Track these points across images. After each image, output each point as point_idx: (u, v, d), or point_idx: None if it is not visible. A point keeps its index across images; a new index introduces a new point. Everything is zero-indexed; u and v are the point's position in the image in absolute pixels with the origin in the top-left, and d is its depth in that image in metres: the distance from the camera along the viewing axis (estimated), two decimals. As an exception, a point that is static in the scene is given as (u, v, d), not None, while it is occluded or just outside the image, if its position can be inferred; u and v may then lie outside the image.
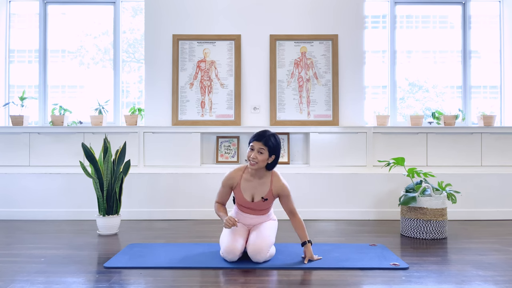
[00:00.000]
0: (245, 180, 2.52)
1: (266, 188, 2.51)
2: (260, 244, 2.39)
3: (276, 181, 2.52)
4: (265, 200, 2.51)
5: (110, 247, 2.83)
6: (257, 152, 2.42)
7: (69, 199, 3.78)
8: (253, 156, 2.42)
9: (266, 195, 2.50)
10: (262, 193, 2.51)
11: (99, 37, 4.40)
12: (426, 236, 3.08)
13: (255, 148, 2.43)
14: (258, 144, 2.43)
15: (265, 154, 2.43)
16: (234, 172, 2.54)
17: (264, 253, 2.39)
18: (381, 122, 4.11)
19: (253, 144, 2.44)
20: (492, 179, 3.84)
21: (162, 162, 3.93)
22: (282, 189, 2.51)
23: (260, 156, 2.42)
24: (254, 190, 2.51)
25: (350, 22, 4.08)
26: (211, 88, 4.07)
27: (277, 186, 2.51)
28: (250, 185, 2.51)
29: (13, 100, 4.22)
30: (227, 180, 2.54)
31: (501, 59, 4.37)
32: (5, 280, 2.15)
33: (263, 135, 2.44)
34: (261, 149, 2.42)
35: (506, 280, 2.18)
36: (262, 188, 2.51)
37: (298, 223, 2.51)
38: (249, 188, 2.51)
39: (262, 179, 2.51)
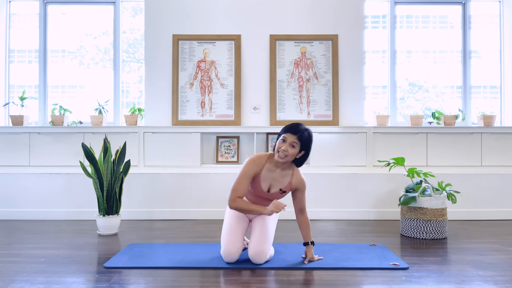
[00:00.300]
0: (267, 169, 2.39)
1: (286, 181, 2.41)
2: (261, 247, 2.36)
3: (296, 175, 2.43)
4: (283, 192, 2.43)
5: (110, 247, 2.83)
6: (289, 145, 2.30)
7: (69, 199, 3.78)
8: (284, 148, 2.30)
9: (285, 187, 2.42)
10: (281, 185, 2.41)
11: (99, 37, 4.40)
12: (426, 236, 3.08)
13: (288, 141, 2.30)
14: (291, 137, 2.31)
15: (296, 149, 2.32)
16: (257, 159, 2.39)
17: (264, 256, 2.38)
18: (381, 122, 4.11)
19: (286, 136, 2.31)
20: (492, 179, 3.84)
21: (162, 162, 3.93)
22: (301, 183, 2.43)
23: (291, 150, 2.31)
24: (273, 181, 2.41)
25: (350, 22, 4.08)
26: (211, 88, 4.07)
27: (297, 180, 2.42)
28: (270, 176, 2.40)
29: (13, 100, 4.22)
30: (253, 166, 2.36)
31: (501, 59, 4.37)
32: (5, 280, 2.15)
33: (297, 128, 2.32)
34: (294, 142, 2.31)
35: (506, 280, 2.18)
36: (283, 180, 2.41)
37: (305, 222, 2.47)
38: (269, 178, 2.40)
39: (285, 171, 2.41)
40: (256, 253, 2.35)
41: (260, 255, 2.36)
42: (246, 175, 2.35)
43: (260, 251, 2.35)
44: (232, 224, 2.46)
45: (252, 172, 2.36)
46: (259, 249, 2.36)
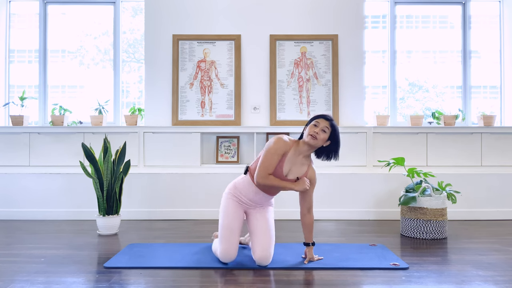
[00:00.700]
0: (292, 153, 2.38)
1: (303, 170, 2.41)
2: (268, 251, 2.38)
3: (312, 168, 2.45)
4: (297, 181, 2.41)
5: (110, 247, 2.83)
6: (320, 130, 2.33)
7: (69, 199, 3.78)
8: (317, 131, 2.33)
9: (302, 176, 2.40)
10: (299, 173, 2.40)
11: (99, 37, 4.40)
12: (426, 236, 3.08)
13: (320, 126, 2.34)
14: (324, 122, 2.35)
15: (327, 134, 2.35)
16: (286, 139, 2.39)
17: (271, 258, 2.40)
18: (381, 122, 4.11)
19: (319, 121, 2.36)
20: (492, 179, 3.84)
21: (162, 162, 3.93)
22: (314, 176, 2.45)
23: (322, 134, 2.33)
24: (294, 166, 2.39)
25: (350, 22, 4.08)
26: (211, 88, 4.07)
27: (312, 173, 2.44)
28: (293, 160, 2.38)
29: (13, 100, 4.22)
30: (283, 145, 2.35)
31: (501, 59, 4.37)
32: (5, 280, 2.15)
33: (329, 117, 2.40)
34: (326, 127, 2.35)
35: (506, 280, 2.18)
36: (301, 168, 2.41)
37: (310, 221, 2.47)
38: (292, 162, 2.38)
39: (305, 160, 2.41)
40: (264, 258, 2.36)
41: (268, 259, 2.37)
42: (276, 153, 2.34)
43: (267, 255, 2.37)
44: (229, 224, 2.42)
45: (282, 150, 2.35)
46: (266, 253, 2.37)
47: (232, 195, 2.47)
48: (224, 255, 2.39)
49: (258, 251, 2.37)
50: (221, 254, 2.40)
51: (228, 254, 2.38)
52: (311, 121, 2.40)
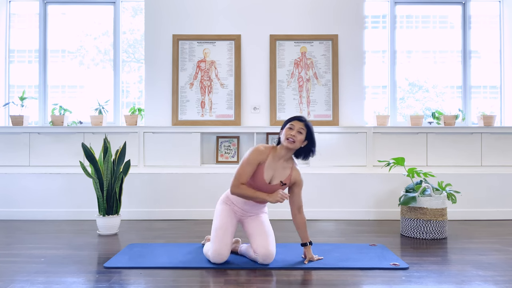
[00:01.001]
0: (271, 159, 2.42)
1: (286, 173, 2.45)
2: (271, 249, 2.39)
3: (296, 170, 2.48)
4: (283, 185, 2.44)
5: (110, 247, 2.83)
6: (296, 132, 2.37)
7: (69, 199, 3.78)
8: (293, 134, 2.36)
9: (286, 179, 2.44)
10: (282, 177, 2.43)
11: (99, 38, 4.40)
12: (426, 236, 3.08)
13: (295, 128, 2.38)
14: (299, 124, 2.39)
15: (303, 135, 2.39)
16: (262, 148, 2.42)
17: (273, 256, 2.40)
18: (381, 122, 4.11)
19: (294, 124, 2.39)
20: (492, 179, 3.84)
21: (162, 162, 3.93)
22: (299, 177, 2.48)
23: (299, 136, 2.37)
24: (275, 172, 2.43)
25: (350, 22, 4.08)
26: (211, 88, 4.07)
27: (296, 174, 2.47)
28: (273, 166, 2.42)
29: (13, 100, 4.22)
30: (258, 155, 2.39)
31: (501, 59, 4.37)
32: (5, 280, 2.15)
33: (302, 117, 2.44)
34: (301, 129, 2.38)
35: (506, 280, 2.18)
36: (284, 172, 2.44)
37: (302, 221, 2.49)
38: (272, 168, 2.42)
39: (286, 163, 2.45)
40: (267, 255, 2.37)
41: (271, 255, 2.38)
42: (250, 163, 2.38)
43: (270, 252, 2.38)
44: (222, 225, 2.44)
45: (256, 161, 2.38)
46: (268, 251, 2.38)
47: (225, 203, 2.53)
48: (216, 255, 2.37)
49: (260, 248, 2.38)
50: (213, 254, 2.38)
51: (220, 254, 2.37)
52: (286, 124, 2.43)
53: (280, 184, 2.43)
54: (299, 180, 2.49)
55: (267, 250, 2.37)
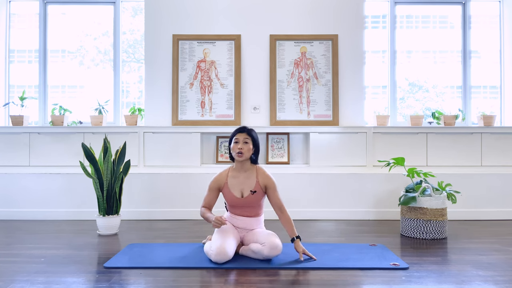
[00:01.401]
0: (231, 177, 2.60)
1: (253, 181, 2.57)
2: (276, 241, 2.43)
3: (261, 173, 2.59)
4: (254, 193, 2.55)
5: (110, 247, 2.83)
6: (242, 143, 2.54)
7: (69, 199, 3.78)
8: (240, 146, 2.54)
9: (254, 187, 2.56)
10: (250, 186, 2.56)
11: (99, 38, 4.40)
12: (426, 236, 3.08)
13: (240, 140, 2.56)
14: (242, 135, 2.57)
15: (249, 144, 2.56)
16: (218, 175, 2.65)
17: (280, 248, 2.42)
18: (381, 122, 4.11)
19: (238, 137, 2.57)
20: (492, 179, 3.84)
21: (162, 162, 3.93)
22: (268, 179, 2.57)
23: (246, 146, 2.54)
24: (242, 185, 2.57)
25: (350, 22, 4.08)
26: (211, 88, 4.07)
27: (263, 177, 2.58)
28: (237, 181, 2.58)
29: (13, 100, 4.22)
30: (214, 182, 2.63)
31: (501, 59, 4.37)
32: (5, 280, 2.15)
33: (243, 127, 2.62)
34: (246, 139, 2.56)
35: (506, 280, 2.18)
36: (249, 181, 2.58)
37: (286, 219, 2.54)
38: (237, 184, 2.58)
39: (248, 172, 2.60)
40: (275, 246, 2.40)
41: (278, 248, 2.41)
42: (210, 189, 2.64)
43: (278, 244, 2.42)
44: (228, 228, 2.54)
45: (214, 186, 2.63)
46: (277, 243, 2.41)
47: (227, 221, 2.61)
48: (219, 253, 2.36)
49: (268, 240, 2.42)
50: (216, 252, 2.37)
51: (222, 252, 2.36)
52: (231, 139, 2.61)
53: (251, 193, 2.56)
54: (268, 182, 2.58)
55: (275, 242, 2.41)
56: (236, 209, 2.61)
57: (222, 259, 2.37)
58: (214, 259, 2.38)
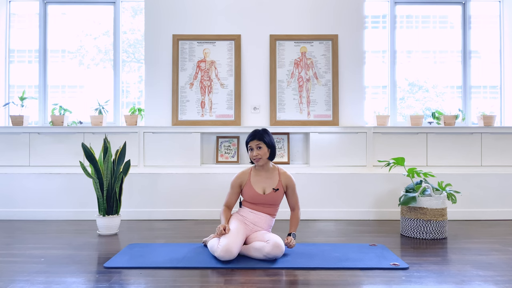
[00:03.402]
0: (254, 176, 2.70)
1: (275, 180, 2.68)
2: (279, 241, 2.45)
3: (283, 173, 2.71)
4: (276, 190, 2.65)
5: (110, 247, 2.83)
6: (256, 149, 2.64)
7: (69, 199, 3.78)
8: (255, 154, 2.64)
9: (277, 185, 2.66)
10: (273, 184, 2.67)
11: (99, 38, 4.40)
12: (426, 236, 3.08)
13: (254, 147, 2.65)
14: (254, 142, 2.65)
15: (264, 148, 2.64)
16: (241, 173, 2.73)
17: (282, 248, 2.45)
18: (381, 122, 4.11)
19: (251, 144, 2.66)
20: (492, 179, 3.85)
21: (162, 162, 3.93)
22: (289, 180, 2.70)
23: (260, 151, 2.63)
24: (264, 183, 2.67)
25: (350, 22, 4.08)
26: (211, 88, 4.07)
27: (285, 177, 2.70)
28: (260, 179, 2.68)
29: (13, 100, 4.22)
30: (237, 179, 2.70)
31: (501, 59, 4.37)
32: (5, 280, 2.15)
33: (255, 133, 2.67)
34: (258, 144, 2.63)
35: (506, 280, 2.18)
36: (272, 180, 2.68)
37: (295, 219, 2.71)
38: (259, 181, 2.68)
39: (269, 172, 2.70)
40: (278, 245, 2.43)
41: (281, 248, 2.44)
42: (232, 186, 2.72)
43: (282, 244, 2.45)
44: (236, 226, 2.57)
45: (237, 183, 2.70)
46: (280, 243, 2.45)
47: (238, 214, 2.71)
48: (225, 250, 2.39)
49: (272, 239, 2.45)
50: (222, 249, 2.39)
51: (229, 250, 2.39)
52: (246, 147, 2.71)
53: (274, 191, 2.66)
54: (289, 182, 2.70)
55: (278, 241, 2.45)
56: (255, 206, 2.68)
57: (227, 256, 2.39)
58: (218, 255, 2.40)
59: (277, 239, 2.48)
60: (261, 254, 2.44)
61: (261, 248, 2.44)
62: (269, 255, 2.42)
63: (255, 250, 2.48)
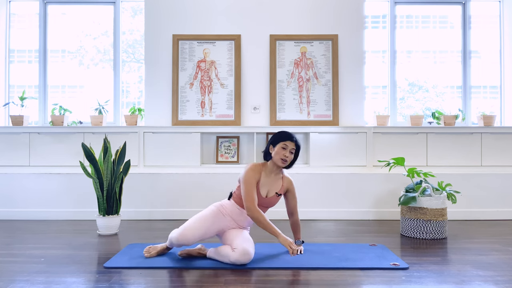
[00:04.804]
0: (264, 176, 2.58)
1: (279, 184, 2.61)
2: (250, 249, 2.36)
3: (286, 178, 2.65)
4: (278, 195, 2.60)
5: (110, 247, 2.83)
6: (289, 152, 2.53)
7: (69, 199, 3.78)
8: (287, 155, 2.52)
9: (280, 190, 2.61)
10: (276, 188, 2.60)
11: (99, 38, 4.40)
12: (426, 236, 3.08)
13: (288, 148, 2.53)
14: (291, 145, 2.54)
15: (293, 154, 2.56)
16: (255, 167, 2.55)
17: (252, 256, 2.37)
18: (381, 122, 4.11)
19: (288, 144, 2.52)
20: (492, 179, 3.84)
21: (162, 162, 3.93)
22: (291, 183, 2.64)
23: (290, 156, 2.54)
24: (270, 186, 2.59)
25: (350, 22, 4.08)
26: (211, 88, 4.07)
27: (287, 182, 2.64)
28: (268, 181, 2.58)
29: (13, 100, 4.22)
30: (254, 174, 2.51)
31: (501, 59, 4.37)
32: (5, 280, 2.15)
33: (293, 136, 2.57)
34: (293, 149, 2.55)
35: (506, 280, 2.18)
36: (277, 184, 2.61)
37: (298, 223, 2.69)
38: (267, 184, 2.58)
39: (277, 175, 2.62)
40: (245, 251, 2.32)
41: (249, 254, 2.34)
42: (251, 183, 2.49)
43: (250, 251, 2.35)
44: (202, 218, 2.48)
45: (255, 179, 2.51)
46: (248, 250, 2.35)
47: (218, 209, 2.57)
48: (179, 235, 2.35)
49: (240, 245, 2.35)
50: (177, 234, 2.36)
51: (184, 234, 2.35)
52: (278, 141, 2.53)
53: (276, 195, 2.60)
54: (290, 186, 2.64)
55: (246, 248, 2.34)
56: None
57: (177, 244, 2.39)
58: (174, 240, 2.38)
59: (245, 244, 2.36)
60: (228, 260, 2.35)
61: (228, 255, 2.36)
62: (236, 263, 2.34)
63: (221, 256, 2.40)
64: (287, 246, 2.47)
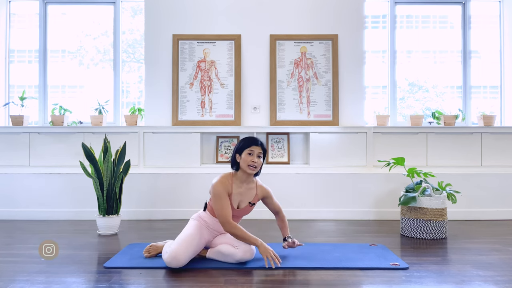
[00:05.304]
0: (236, 187, 2.47)
1: (253, 193, 2.53)
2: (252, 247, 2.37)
3: (259, 186, 2.56)
4: (252, 205, 2.53)
5: (110, 247, 2.83)
6: (256, 157, 2.44)
7: (69, 199, 3.78)
8: (255, 160, 2.43)
9: (253, 200, 2.53)
10: (249, 198, 2.52)
11: (99, 38, 4.40)
12: (426, 236, 3.08)
13: (255, 153, 2.44)
14: (258, 149, 2.45)
15: (261, 158, 2.48)
16: (224, 179, 2.44)
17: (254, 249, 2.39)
18: (381, 122, 4.11)
19: (253, 149, 2.44)
20: (492, 179, 3.85)
21: (162, 162, 3.93)
22: (266, 191, 2.57)
23: (259, 161, 2.46)
24: (242, 197, 2.49)
25: (350, 22, 4.08)
26: (211, 88, 4.07)
27: (261, 190, 2.56)
28: (239, 192, 2.48)
29: (13, 100, 4.22)
30: (224, 187, 2.41)
31: (501, 59, 4.37)
32: (5, 280, 2.15)
33: (258, 140, 2.48)
34: (260, 153, 2.46)
35: (506, 280, 2.18)
36: (250, 193, 2.52)
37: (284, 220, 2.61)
38: (238, 195, 2.48)
39: (249, 184, 2.52)
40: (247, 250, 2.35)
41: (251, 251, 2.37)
42: (223, 197, 2.39)
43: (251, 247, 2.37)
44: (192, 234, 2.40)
45: (226, 192, 2.41)
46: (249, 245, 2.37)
47: (199, 221, 2.50)
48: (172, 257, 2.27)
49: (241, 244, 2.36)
50: (170, 255, 2.28)
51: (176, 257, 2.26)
52: (243, 148, 2.44)
53: (249, 205, 2.53)
54: (266, 194, 2.57)
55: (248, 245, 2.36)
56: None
57: (174, 264, 2.27)
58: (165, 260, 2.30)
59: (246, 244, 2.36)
60: (231, 259, 2.36)
61: (231, 254, 2.36)
62: (242, 261, 2.35)
63: (224, 256, 2.39)
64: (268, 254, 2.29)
